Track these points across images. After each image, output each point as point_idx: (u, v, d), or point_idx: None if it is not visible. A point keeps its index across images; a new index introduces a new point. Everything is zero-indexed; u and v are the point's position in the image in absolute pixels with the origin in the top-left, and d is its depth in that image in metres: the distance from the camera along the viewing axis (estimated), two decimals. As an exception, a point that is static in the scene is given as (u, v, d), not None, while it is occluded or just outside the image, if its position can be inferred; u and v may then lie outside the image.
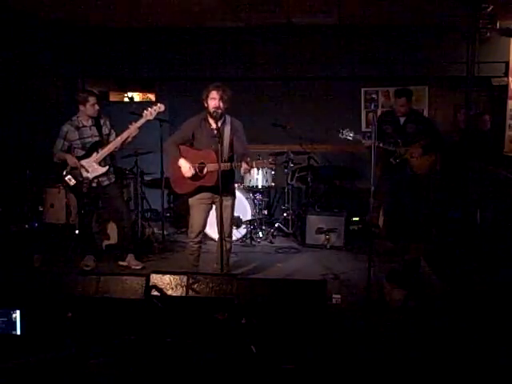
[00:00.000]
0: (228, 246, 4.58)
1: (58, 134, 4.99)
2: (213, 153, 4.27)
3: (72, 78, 7.42)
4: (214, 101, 4.26)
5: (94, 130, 5.02)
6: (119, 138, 4.92)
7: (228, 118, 4.45)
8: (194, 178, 4.38)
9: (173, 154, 4.42)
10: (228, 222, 4.54)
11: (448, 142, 6.06)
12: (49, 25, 6.71)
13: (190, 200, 4.54)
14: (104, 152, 4.96)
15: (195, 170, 4.34)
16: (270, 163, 4.47)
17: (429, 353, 3.22)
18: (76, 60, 7.29)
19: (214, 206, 4.55)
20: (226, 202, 4.42)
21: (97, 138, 5.01)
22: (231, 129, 4.42)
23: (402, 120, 5.54)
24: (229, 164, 4.32)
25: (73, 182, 4.98)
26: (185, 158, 4.36)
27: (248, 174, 6.16)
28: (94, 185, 5.02)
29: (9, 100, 6.17)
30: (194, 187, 4.42)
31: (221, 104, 4.27)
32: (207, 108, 4.33)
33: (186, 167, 4.33)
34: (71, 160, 4.94)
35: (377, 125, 5.74)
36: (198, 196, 4.47)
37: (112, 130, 5.12)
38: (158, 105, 4.79)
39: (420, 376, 3.00)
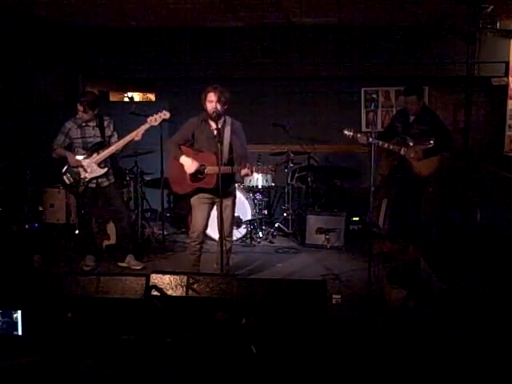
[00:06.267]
0: (228, 245, 4.58)
1: (59, 129, 4.99)
2: (213, 155, 4.27)
3: (72, 78, 7.42)
4: (211, 103, 4.26)
5: (97, 131, 5.01)
6: (121, 141, 4.91)
7: (228, 120, 4.44)
8: (194, 178, 4.38)
9: (174, 154, 4.42)
10: (229, 221, 4.55)
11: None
12: (49, 25, 6.71)
13: (191, 200, 4.55)
14: (105, 154, 4.94)
15: (197, 167, 4.34)
16: (271, 169, 4.48)
17: (428, 353, 3.22)
18: (76, 60, 7.29)
19: (214, 206, 4.56)
20: (227, 201, 4.43)
21: (98, 139, 5.00)
22: (231, 130, 4.42)
23: (411, 119, 5.41)
24: (229, 167, 4.32)
25: (70, 180, 4.98)
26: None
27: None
28: (93, 185, 5.01)
29: (9, 100, 6.17)
30: (194, 188, 4.43)
31: (218, 106, 4.26)
32: (206, 110, 4.33)
33: (188, 163, 4.32)
34: (72, 158, 4.93)
35: (390, 122, 5.78)
36: (199, 195, 4.48)
37: (114, 132, 5.10)
38: (164, 112, 4.76)
39: (420, 376, 3.00)
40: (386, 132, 5.66)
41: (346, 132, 5.25)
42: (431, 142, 5.24)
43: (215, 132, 4.34)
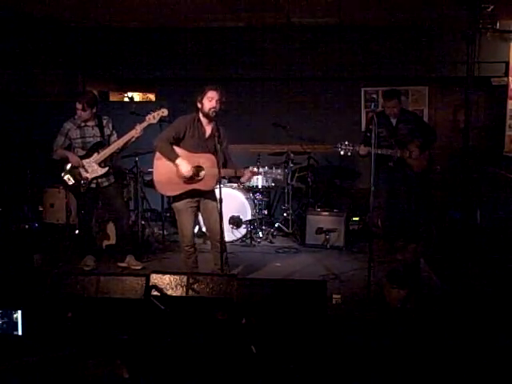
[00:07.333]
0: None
1: (59, 130, 4.98)
2: (213, 157, 4.26)
3: (72, 78, 7.42)
4: (212, 101, 4.23)
5: (96, 130, 5.00)
6: (121, 140, 4.90)
7: (214, 123, 4.42)
8: (188, 180, 4.32)
9: (168, 153, 4.29)
10: (217, 222, 4.51)
11: (448, 143, 6.08)
12: (49, 25, 6.71)
13: (177, 205, 4.45)
14: (105, 153, 4.94)
15: (195, 170, 4.31)
16: (279, 174, 4.42)
17: (428, 353, 3.22)
18: (76, 60, 7.29)
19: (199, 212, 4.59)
20: (214, 203, 4.41)
21: (98, 139, 4.99)
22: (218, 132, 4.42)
23: (394, 122, 5.54)
24: (233, 171, 4.31)
25: (71, 181, 4.97)
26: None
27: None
28: (93, 185, 5.00)
29: (9, 100, 6.18)
30: (185, 189, 4.35)
31: (218, 105, 4.26)
32: (202, 108, 4.30)
33: (186, 168, 4.24)
34: (73, 159, 4.92)
35: (369, 128, 5.81)
36: (186, 200, 4.41)
37: (113, 132, 5.09)
38: (162, 109, 4.75)
39: (420, 376, 3.00)
40: (368, 139, 5.62)
41: (342, 149, 5.22)
42: (420, 139, 5.48)
43: (208, 133, 4.36)
